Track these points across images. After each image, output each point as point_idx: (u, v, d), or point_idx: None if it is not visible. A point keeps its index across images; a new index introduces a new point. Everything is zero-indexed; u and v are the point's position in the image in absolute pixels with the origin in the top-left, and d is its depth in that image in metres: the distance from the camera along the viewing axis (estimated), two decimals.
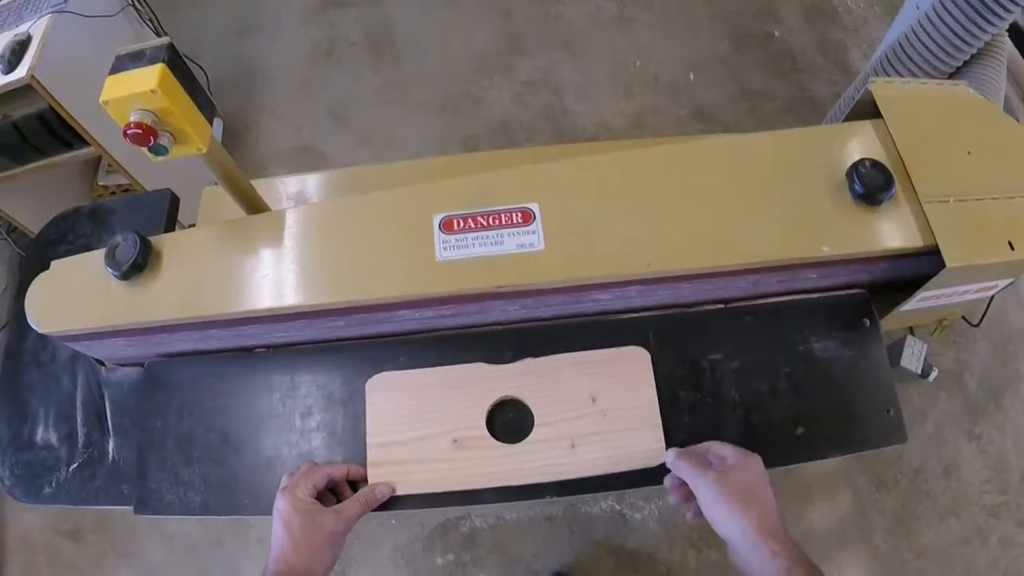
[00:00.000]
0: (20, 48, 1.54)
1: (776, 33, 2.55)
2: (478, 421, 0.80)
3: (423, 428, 0.80)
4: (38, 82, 1.51)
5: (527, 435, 0.79)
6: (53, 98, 1.56)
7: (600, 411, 0.79)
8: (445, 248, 0.79)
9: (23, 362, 0.99)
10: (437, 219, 0.81)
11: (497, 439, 0.79)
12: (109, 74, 0.69)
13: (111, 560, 1.89)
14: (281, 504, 0.73)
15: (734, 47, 2.53)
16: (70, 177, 2.14)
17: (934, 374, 1.84)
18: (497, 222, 0.80)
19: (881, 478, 1.82)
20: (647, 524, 1.78)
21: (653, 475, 0.76)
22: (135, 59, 0.70)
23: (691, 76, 2.47)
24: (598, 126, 2.40)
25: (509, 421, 0.81)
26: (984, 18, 1.38)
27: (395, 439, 0.80)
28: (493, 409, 0.81)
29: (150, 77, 0.68)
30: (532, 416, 0.80)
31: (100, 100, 0.68)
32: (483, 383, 0.82)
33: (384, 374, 0.83)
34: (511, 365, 0.82)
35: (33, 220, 1.98)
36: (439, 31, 2.68)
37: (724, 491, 0.68)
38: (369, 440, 0.80)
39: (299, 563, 0.70)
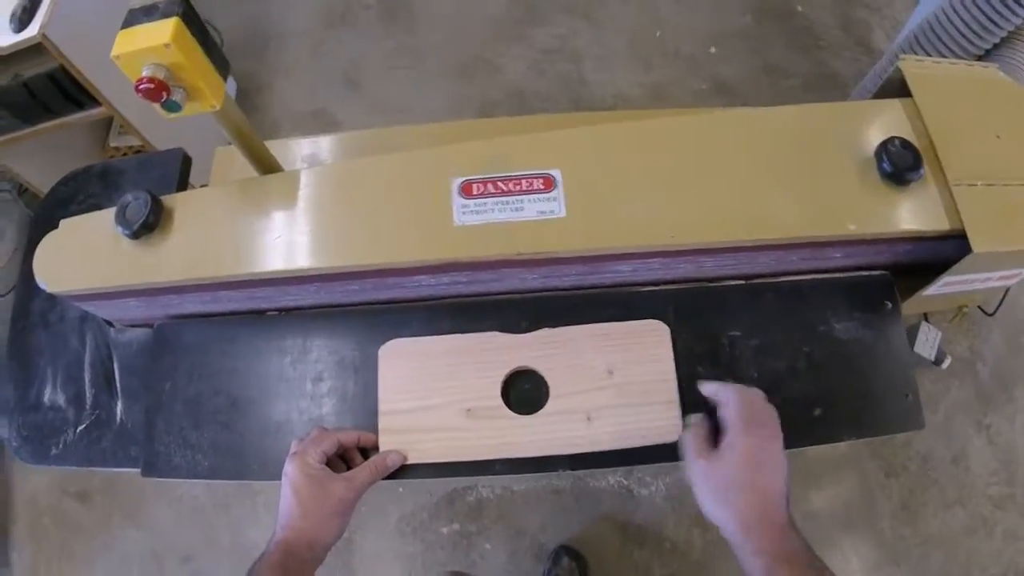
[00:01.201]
0: (31, 6, 1.52)
1: (799, 9, 2.50)
2: (493, 391, 0.79)
3: (436, 396, 0.79)
4: (49, 41, 1.49)
5: (542, 407, 0.78)
6: (64, 57, 1.54)
7: (617, 384, 0.78)
8: (464, 212, 0.78)
9: (31, 322, 0.98)
10: (456, 183, 0.79)
11: (512, 410, 0.78)
12: (121, 28, 0.67)
13: (118, 522, 1.90)
14: (290, 470, 0.72)
15: (756, 22, 2.48)
16: (81, 138, 2.12)
17: (947, 362, 1.82)
18: (518, 187, 0.78)
19: (890, 463, 1.82)
20: (654, 500, 1.78)
21: (668, 451, 0.75)
22: (148, 13, 0.67)
23: (712, 49, 2.43)
24: (616, 97, 2.37)
25: (524, 392, 0.80)
26: (1017, 1, 1.35)
27: (407, 407, 0.79)
28: (508, 379, 0.80)
29: (163, 31, 0.65)
30: (548, 387, 0.79)
31: (112, 55, 0.66)
32: (499, 352, 0.80)
33: (398, 340, 0.82)
34: (528, 335, 0.81)
35: (44, 181, 1.97)
36: None
37: (709, 484, 0.66)
38: (381, 407, 0.79)
39: (307, 529, 0.69)
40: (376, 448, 0.78)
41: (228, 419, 0.83)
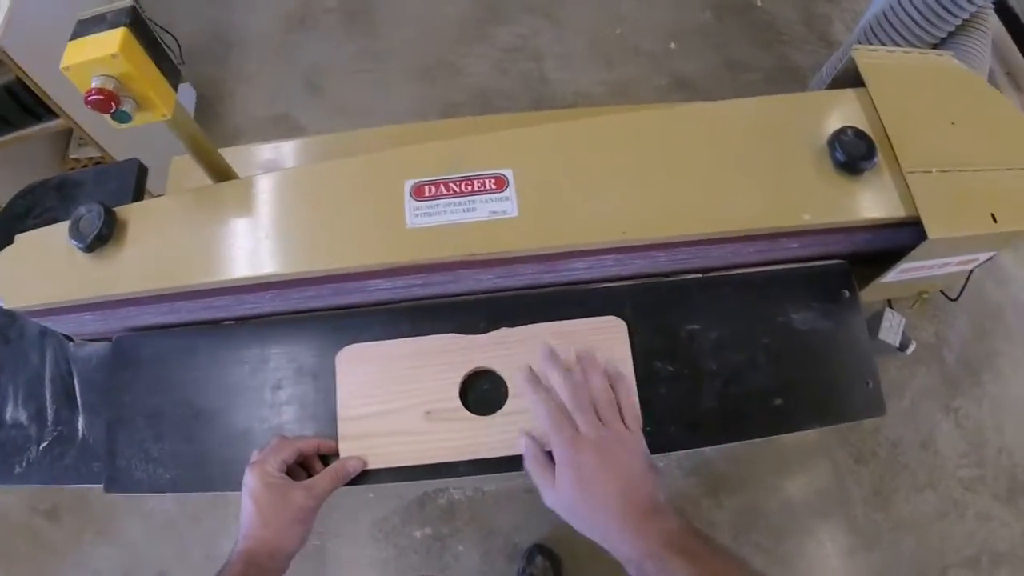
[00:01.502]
0: None
1: (759, 3, 2.53)
2: (451, 393, 0.78)
3: (395, 400, 0.78)
4: (5, 53, 1.47)
5: (501, 407, 0.78)
6: (21, 69, 1.52)
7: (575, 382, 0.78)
8: (416, 215, 0.77)
9: None
10: (408, 185, 0.79)
11: (471, 411, 0.78)
12: (70, 39, 0.67)
13: (89, 538, 1.88)
14: (250, 479, 0.71)
15: (716, 17, 2.51)
16: (41, 150, 2.09)
17: (912, 347, 1.83)
18: (470, 188, 0.78)
19: (859, 450, 1.84)
20: None
21: None
22: (96, 23, 0.67)
23: (672, 46, 2.45)
24: (577, 95, 2.38)
25: (483, 392, 0.79)
26: None
27: (366, 412, 0.79)
28: (467, 380, 0.79)
29: (111, 41, 0.65)
30: (506, 387, 0.79)
31: (61, 66, 0.66)
32: (457, 354, 0.80)
33: (355, 346, 0.81)
34: (485, 336, 0.81)
35: (2, 195, 1.93)
36: None
37: (562, 510, 0.67)
38: (340, 413, 0.79)
39: (269, 538, 0.69)
40: (337, 455, 0.77)
41: (189, 431, 0.82)
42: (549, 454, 0.70)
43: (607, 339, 0.80)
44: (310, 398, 0.82)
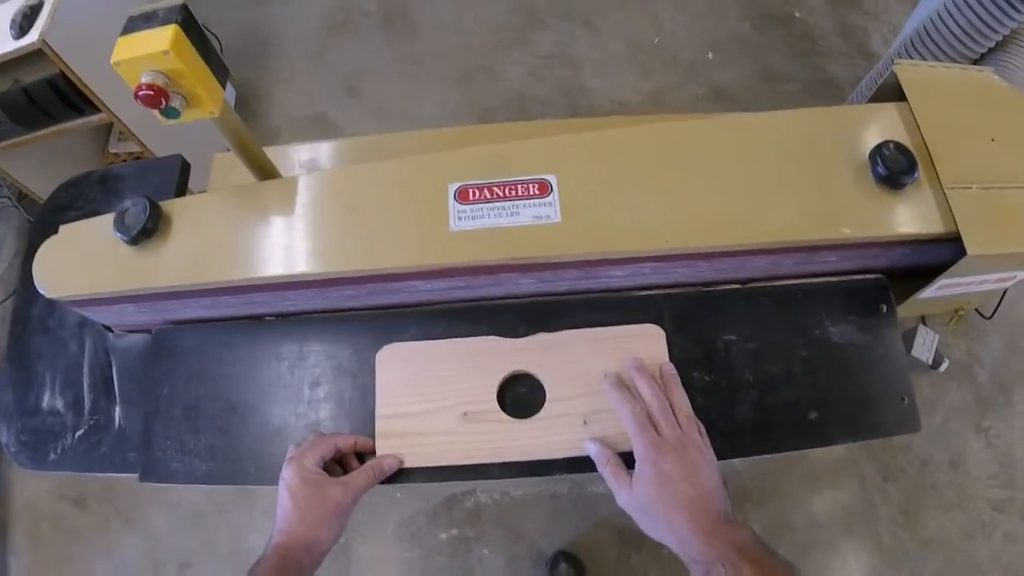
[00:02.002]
0: (32, 13, 1.53)
1: (797, 15, 2.51)
2: (489, 395, 0.79)
3: (433, 400, 0.79)
4: (49, 47, 1.50)
5: (538, 410, 0.78)
6: (64, 63, 1.55)
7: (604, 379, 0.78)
8: (460, 218, 0.78)
9: (30, 328, 0.98)
10: (452, 188, 0.80)
11: (508, 414, 0.78)
12: (121, 35, 0.67)
13: (116, 527, 1.90)
14: (287, 474, 0.72)
15: (755, 28, 2.49)
16: (81, 144, 2.13)
17: (945, 365, 1.83)
18: (513, 193, 0.79)
19: (888, 468, 1.82)
20: None
21: None
22: (147, 20, 0.68)
23: (710, 55, 2.44)
24: (615, 103, 2.38)
25: (520, 396, 0.80)
26: (1012, 4, 1.35)
27: (404, 411, 0.79)
28: (504, 383, 0.80)
29: (163, 38, 0.66)
30: (544, 391, 0.79)
31: (111, 61, 0.67)
32: (495, 356, 0.80)
33: (395, 345, 0.82)
34: (524, 339, 0.81)
35: (43, 187, 1.98)
36: (455, 3, 2.65)
37: (636, 512, 0.69)
38: (378, 410, 0.80)
39: (304, 533, 0.70)
40: (373, 453, 0.78)
41: (226, 424, 0.83)
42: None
43: (645, 346, 0.80)
44: (347, 396, 0.83)
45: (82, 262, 0.83)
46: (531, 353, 0.81)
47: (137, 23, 0.68)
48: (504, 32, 2.56)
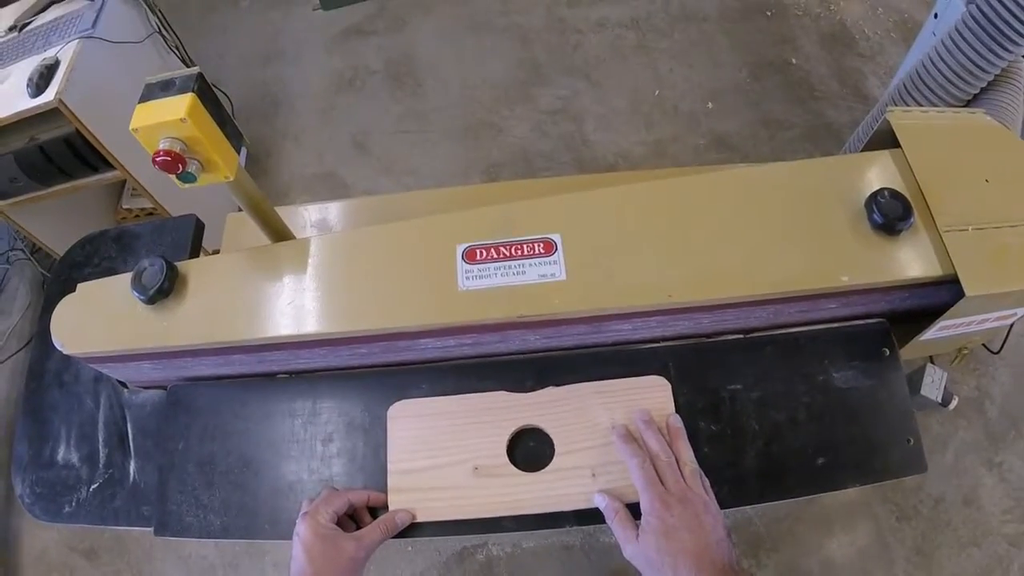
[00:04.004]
0: (48, 72, 1.58)
1: (794, 61, 2.56)
2: (499, 449, 0.80)
3: (444, 455, 0.80)
4: (65, 106, 1.55)
5: (548, 464, 0.79)
6: (80, 122, 1.59)
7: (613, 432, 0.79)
8: (468, 278, 0.80)
9: (46, 382, 1.00)
10: (460, 249, 0.82)
11: (518, 467, 0.79)
12: (139, 102, 0.71)
13: None
14: (302, 529, 0.73)
15: (752, 76, 2.54)
16: (94, 200, 2.18)
17: (954, 402, 1.82)
18: (519, 252, 0.81)
19: (901, 508, 1.80)
20: None
21: None
22: (165, 88, 0.71)
23: (710, 105, 2.48)
24: (618, 155, 2.42)
25: (530, 449, 0.81)
26: (1000, 44, 1.38)
27: (416, 466, 0.80)
28: (514, 437, 0.81)
29: (180, 106, 0.69)
30: (553, 444, 0.80)
31: (130, 128, 0.70)
32: (504, 411, 0.82)
33: (406, 401, 0.84)
34: (532, 394, 0.82)
35: (57, 241, 2.01)
36: (460, 60, 2.72)
37: (642, 564, 0.70)
38: (390, 466, 0.81)
39: None
40: (385, 507, 0.79)
41: (240, 479, 0.84)
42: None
43: (652, 397, 0.81)
44: (360, 451, 0.84)
45: (99, 320, 0.85)
46: (539, 407, 0.82)
47: (155, 91, 0.71)
48: (508, 88, 2.62)
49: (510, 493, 0.78)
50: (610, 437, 0.79)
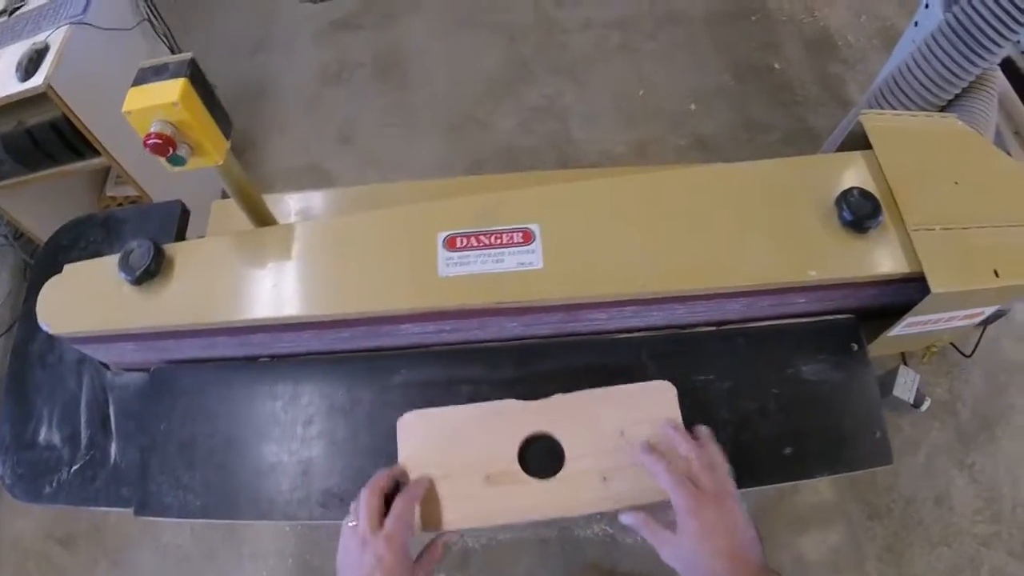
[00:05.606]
0: (38, 57, 1.58)
1: (777, 66, 2.60)
2: (510, 457, 0.80)
3: (455, 465, 0.80)
4: (54, 91, 1.55)
5: (559, 470, 0.79)
6: (68, 107, 1.59)
7: (629, 445, 0.80)
8: (448, 264, 0.82)
9: (29, 363, 1.01)
10: (441, 236, 0.84)
11: (529, 474, 0.79)
12: (132, 85, 0.72)
13: (103, 567, 1.89)
14: (386, 555, 0.69)
15: (736, 79, 2.58)
16: (79, 186, 2.17)
17: (927, 404, 1.85)
18: (499, 241, 0.83)
19: (874, 507, 1.82)
20: (639, 548, 1.78)
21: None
22: (158, 72, 0.73)
23: (693, 107, 2.51)
24: (601, 153, 2.44)
25: (541, 457, 0.81)
26: (976, 53, 1.41)
27: (427, 476, 0.80)
28: (524, 445, 0.81)
29: (172, 90, 0.70)
30: (563, 451, 0.80)
31: (123, 110, 0.71)
32: (513, 419, 0.82)
33: (415, 412, 0.83)
34: (541, 401, 0.83)
35: (40, 227, 2.01)
36: (447, 56, 2.74)
37: (679, 564, 0.70)
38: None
39: None
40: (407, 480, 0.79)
41: (221, 460, 0.85)
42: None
43: (658, 402, 0.82)
44: (340, 434, 0.85)
45: (86, 300, 0.86)
46: (548, 414, 0.82)
47: (148, 75, 0.73)
48: (494, 85, 2.64)
49: (522, 500, 0.78)
50: (619, 442, 0.79)
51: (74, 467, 0.92)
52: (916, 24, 1.74)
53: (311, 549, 1.83)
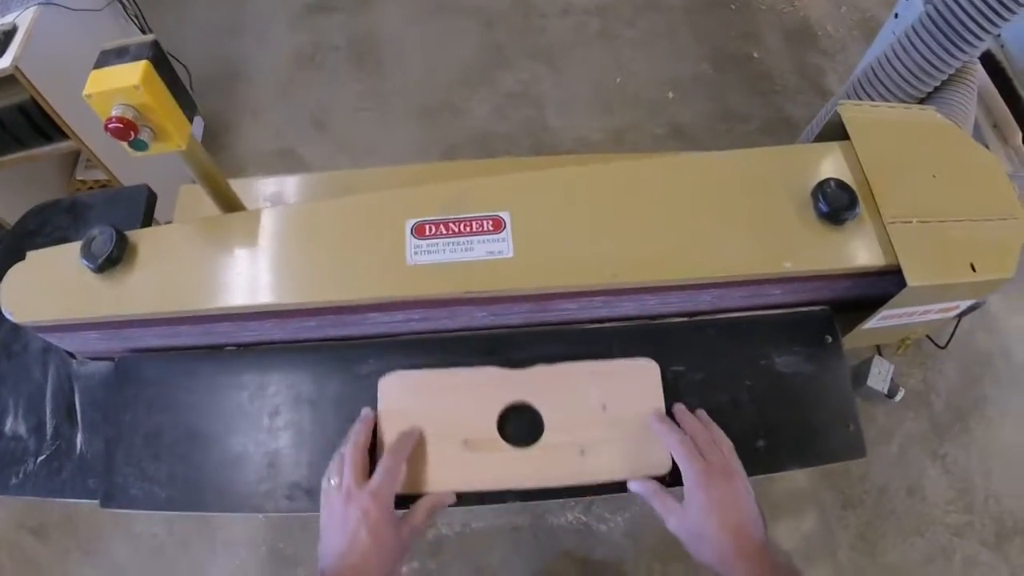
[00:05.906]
0: (5, 38, 1.55)
1: (756, 55, 2.59)
2: (489, 423, 0.80)
3: (434, 427, 0.80)
4: (22, 73, 1.52)
5: (537, 440, 0.79)
6: (36, 90, 1.56)
7: (610, 419, 0.80)
8: (416, 252, 0.81)
9: None
10: (409, 224, 0.82)
11: (508, 442, 0.80)
12: (93, 68, 0.70)
13: (75, 558, 1.86)
14: (372, 509, 0.70)
15: (714, 68, 2.57)
16: (48, 171, 2.13)
17: (901, 394, 1.87)
18: (468, 229, 0.82)
19: (847, 496, 1.84)
20: (613, 536, 1.79)
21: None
22: (120, 55, 0.71)
23: (670, 95, 2.51)
24: (577, 141, 2.43)
25: (520, 426, 0.81)
26: (956, 45, 1.41)
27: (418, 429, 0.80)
28: (504, 413, 0.81)
29: (134, 73, 0.69)
30: (542, 421, 0.80)
31: (83, 93, 0.69)
32: (494, 387, 0.82)
33: (397, 372, 0.83)
34: (523, 371, 0.83)
35: (9, 212, 1.97)
36: (423, 41, 2.71)
37: (685, 535, 0.72)
38: (381, 438, 0.80)
39: (373, 570, 0.69)
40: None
41: (186, 452, 0.84)
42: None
43: (641, 379, 0.82)
44: (306, 425, 0.84)
45: (49, 288, 0.84)
46: (529, 384, 0.82)
47: (109, 57, 0.71)
48: (470, 70, 2.61)
49: (499, 467, 0.78)
50: (600, 416, 0.80)
51: (40, 458, 0.91)
52: (896, 15, 1.74)
53: (284, 538, 1.83)
